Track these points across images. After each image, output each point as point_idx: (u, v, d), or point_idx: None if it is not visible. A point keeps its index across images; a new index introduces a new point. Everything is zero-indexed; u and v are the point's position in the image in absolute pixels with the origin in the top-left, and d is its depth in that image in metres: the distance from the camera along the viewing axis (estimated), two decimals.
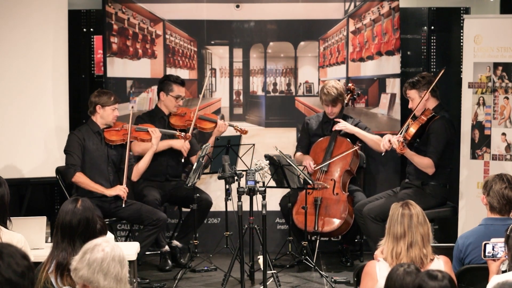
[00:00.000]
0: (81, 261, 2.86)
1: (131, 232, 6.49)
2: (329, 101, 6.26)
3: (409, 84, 5.89)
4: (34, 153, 6.47)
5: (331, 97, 6.23)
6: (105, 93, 5.99)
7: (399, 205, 3.78)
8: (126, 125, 5.99)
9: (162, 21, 6.87)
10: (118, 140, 5.96)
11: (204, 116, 6.43)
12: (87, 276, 2.83)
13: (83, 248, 2.90)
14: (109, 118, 5.94)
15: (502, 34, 6.24)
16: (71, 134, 5.99)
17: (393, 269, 3.02)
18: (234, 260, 5.57)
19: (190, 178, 5.78)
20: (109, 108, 5.92)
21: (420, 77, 5.88)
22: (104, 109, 5.91)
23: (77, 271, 2.86)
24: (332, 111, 6.32)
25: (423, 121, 5.68)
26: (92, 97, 5.97)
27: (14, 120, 6.42)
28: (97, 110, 5.92)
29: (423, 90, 5.81)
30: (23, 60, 6.43)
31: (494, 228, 4.04)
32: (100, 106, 5.91)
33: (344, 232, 6.21)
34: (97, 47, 7.08)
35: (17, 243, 3.98)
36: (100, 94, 5.95)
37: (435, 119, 5.73)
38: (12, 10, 6.39)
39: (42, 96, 6.50)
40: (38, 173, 6.47)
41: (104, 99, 5.90)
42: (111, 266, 2.84)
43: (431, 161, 5.70)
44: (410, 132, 5.64)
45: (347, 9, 6.86)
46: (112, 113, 5.93)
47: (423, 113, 5.72)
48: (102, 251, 2.85)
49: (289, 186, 5.83)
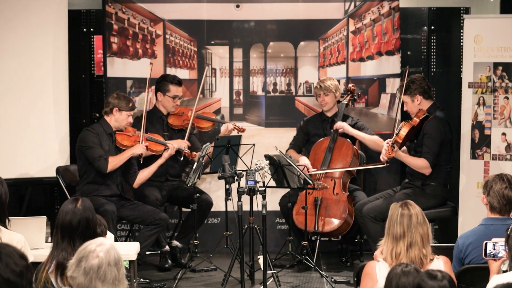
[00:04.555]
0: (77, 270, 2.83)
1: (131, 232, 6.50)
2: (319, 89, 6.34)
3: (400, 89, 5.89)
4: (34, 153, 6.46)
5: (323, 85, 6.34)
6: (125, 97, 5.97)
7: (398, 205, 3.78)
8: (139, 132, 5.98)
9: (162, 21, 6.87)
10: (129, 146, 5.94)
11: (202, 115, 6.43)
12: (85, 284, 2.81)
13: (78, 254, 2.86)
14: (123, 122, 5.93)
15: (502, 34, 6.24)
16: (86, 131, 5.92)
17: (392, 269, 3.03)
18: (234, 260, 5.57)
19: (190, 178, 5.78)
20: (125, 113, 5.91)
21: (410, 82, 5.87)
22: (120, 113, 5.90)
23: (73, 279, 2.83)
24: (324, 99, 6.35)
25: (415, 122, 5.67)
26: (111, 98, 5.94)
27: (14, 120, 6.42)
28: (114, 112, 5.90)
29: (415, 94, 5.83)
30: (23, 60, 6.43)
31: (494, 228, 4.04)
32: (117, 109, 5.89)
33: (344, 232, 6.21)
34: (97, 47, 7.08)
35: (17, 243, 3.98)
36: (120, 98, 5.92)
37: (429, 119, 5.73)
38: (12, 10, 6.39)
39: (42, 96, 6.50)
40: (38, 173, 6.47)
41: (123, 104, 5.89)
42: (107, 272, 2.81)
43: (427, 161, 5.69)
44: (400, 134, 5.62)
45: (347, 9, 6.85)
46: (127, 118, 5.93)
47: (416, 115, 5.72)
48: (96, 258, 2.82)
49: (289, 186, 5.83)
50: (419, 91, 5.82)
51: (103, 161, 5.78)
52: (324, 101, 6.37)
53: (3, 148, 6.38)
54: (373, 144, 6.29)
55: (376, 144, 6.28)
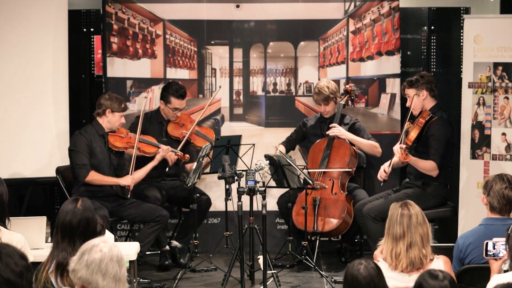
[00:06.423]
0: (79, 262, 2.86)
1: (131, 232, 6.50)
2: (321, 100, 6.33)
3: (408, 82, 5.89)
4: (34, 153, 6.47)
5: (322, 96, 6.30)
6: (117, 99, 5.94)
7: (398, 205, 3.78)
8: (131, 134, 5.98)
9: (162, 21, 6.87)
10: (121, 147, 5.94)
11: (201, 132, 6.37)
12: (86, 277, 2.83)
13: (81, 249, 2.90)
14: (116, 124, 5.92)
15: (502, 34, 6.25)
16: (78, 134, 5.91)
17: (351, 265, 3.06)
18: (234, 260, 5.57)
19: (190, 178, 5.78)
20: (118, 114, 5.90)
21: (419, 76, 5.88)
22: (113, 114, 5.89)
23: (75, 272, 2.86)
24: (325, 109, 6.36)
25: (422, 124, 5.67)
26: (103, 99, 5.92)
27: (14, 120, 6.42)
28: (106, 114, 5.88)
29: (422, 89, 5.81)
30: (23, 60, 6.44)
31: (494, 228, 4.04)
32: (110, 111, 5.87)
33: (343, 232, 6.21)
34: (97, 47, 7.08)
35: (17, 243, 3.99)
36: (112, 99, 5.90)
37: (433, 120, 5.73)
38: (12, 10, 6.39)
39: (42, 96, 6.50)
40: (38, 173, 6.47)
41: (115, 105, 5.88)
42: (109, 266, 2.84)
43: (434, 164, 5.69)
44: (411, 137, 5.62)
45: (347, 9, 6.86)
46: (119, 119, 5.92)
47: (421, 116, 5.70)
48: (100, 252, 2.85)
49: (289, 186, 5.83)
50: (426, 86, 5.82)
51: (84, 170, 5.75)
52: (325, 111, 6.38)
53: (3, 148, 6.38)
54: (368, 149, 6.30)
55: (372, 148, 6.29)
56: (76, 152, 5.80)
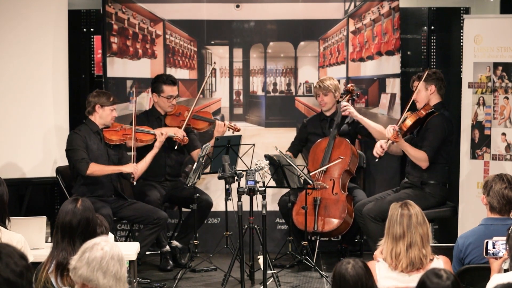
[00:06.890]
0: (80, 260, 2.86)
1: (131, 232, 6.50)
2: (319, 88, 6.35)
3: (418, 76, 5.92)
4: (34, 153, 6.47)
5: (323, 86, 6.35)
6: (104, 93, 5.99)
7: (398, 205, 3.78)
8: (126, 125, 6.00)
9: (162, 21, 6.87)
10: (117, 140, 5.97)
11: (198, 115, 6.41)
12: (86, 274, 2.84)
13: (82, 247, 2.91)
14: (108, 118, 5.93)
15: (502, 34, 6.25)
16: (72, 133, 5.95)
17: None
18: (234, 260, 5.57)
19: (190, 178, 5.78)
20: (108, 108, 5.91)
21: (432, 72, 5.90)
22: (103, 109, 5.91)
23: (76, 270, 2.86)
24: (323, 99, 6.36)
25: (422, 115, 5.70)
26: (91, 97, 5.96)
27: (14, 120, 6.42)
28: (97, 109, 5.91)
29: (431, 83, 5.83)
30: (23, 60, 6.43)
31: (494, 228, 4.04)
32: (99, 106, 5.90)
33: (343, 232, 6.21)
34: (97, 47, 7.08)
35: (17, 243, 3.99)
36: (99, 94, 5.95)
37: (434, 115, 5.74)
38: (12, 10, 6.39)
39: (42, 96, 6.50)
40: (38, 173, 6.48)
41: (103, 99, 5.90)
42: (110, 265, 2.85)
43: (425, 155, 5.70)
44: (406, 123, 5.65)
45: (347, 9, 6.86)
46: (110, 113, 5.93)
47: (423, 108, 5.74)
48: (101, 250, 2.86)
49: (289, 186, 5.83)
50: (435, 83, 5.84)
51: (84, 163, 5.77)
52: (323, 101, 6.38)
53: (3, 148, 6.38)
54: (377, 133, 6.26)
55: (380, 133, 6.27)
56: (73, 149, 5.84)
